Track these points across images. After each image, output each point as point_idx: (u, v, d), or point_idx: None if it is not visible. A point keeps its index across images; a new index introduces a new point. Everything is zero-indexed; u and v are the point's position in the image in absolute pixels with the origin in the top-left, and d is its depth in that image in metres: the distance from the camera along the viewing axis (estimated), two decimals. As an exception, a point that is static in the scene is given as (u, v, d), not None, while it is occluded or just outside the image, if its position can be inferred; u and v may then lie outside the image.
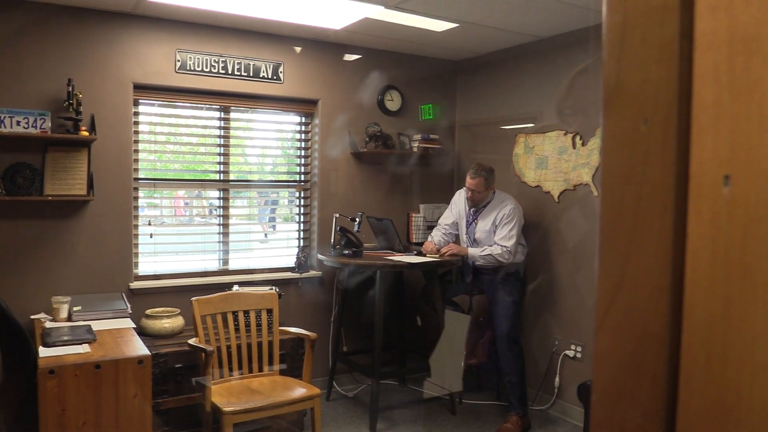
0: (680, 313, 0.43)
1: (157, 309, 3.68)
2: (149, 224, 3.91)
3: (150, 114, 3.89)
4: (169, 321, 3.58)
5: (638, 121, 0.45)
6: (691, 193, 0.43)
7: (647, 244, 0.45)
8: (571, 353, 3.95)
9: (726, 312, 0.41)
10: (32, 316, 3.31)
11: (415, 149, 4.57)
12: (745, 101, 0.40)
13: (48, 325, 3.15)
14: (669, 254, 0.44)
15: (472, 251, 3.87)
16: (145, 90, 3.78)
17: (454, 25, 3.80)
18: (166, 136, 3.99)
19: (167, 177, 4.02)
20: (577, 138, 3.89)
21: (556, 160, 4.02)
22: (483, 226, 3.90)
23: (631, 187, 0.45)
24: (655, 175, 0.44)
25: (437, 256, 3.94)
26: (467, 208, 4.01)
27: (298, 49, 4.19)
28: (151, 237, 3.89)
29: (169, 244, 4.06)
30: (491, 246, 3.81)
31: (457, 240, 4.17)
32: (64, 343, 2.81)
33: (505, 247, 3.76)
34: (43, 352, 2.70)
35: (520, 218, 3.83)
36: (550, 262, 4.07)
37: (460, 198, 4.13)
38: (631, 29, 0.45)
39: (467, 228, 4.02)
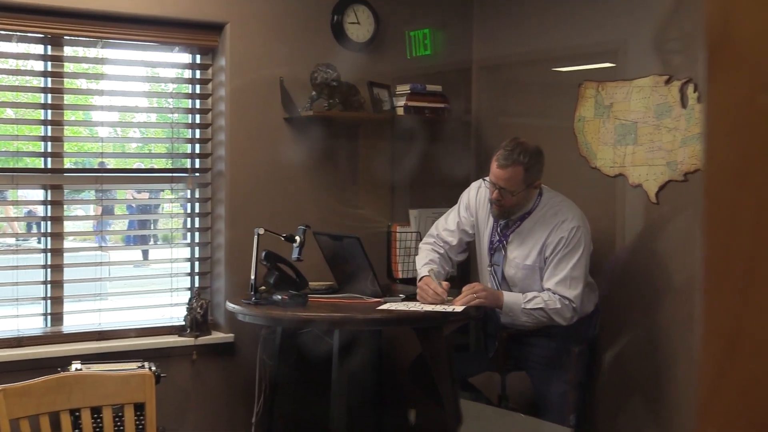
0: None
1: (-67, 407, 3.67)
2: None
3: None
4: (-46, 428, 3.57)
5: (756, 89, 0.51)
6: (837, 201, 0.49)
7: (774, 282, 0.51)
8: (683, 472, 4.03)
9: None
10: None
11: (400, 111, 4.63)
12: None
13: None
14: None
15: (510, 299, 3.85)
16: None
17: None
18: (-54, 91, 4.00)
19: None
20: (690, 88, 3.97)
21: (653, 128, 4.10)
22: (520, 254, 3.88)
23: (747, 191, 0.51)
24: (783, 173, 0.50)
25: (448, 305, 3.88)
26: (491, 218, 4.01)
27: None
28: None
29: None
30: (541, 293, 3.79)
31: (476, 276, 4.20)
32: None
33: (566, 299, 3.76)
34: None
35: (588, 245, 3.84)
36: (646, 309, 4.14)
37: (477, 198, 4.09)
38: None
39: (490, 256, 4.02)
